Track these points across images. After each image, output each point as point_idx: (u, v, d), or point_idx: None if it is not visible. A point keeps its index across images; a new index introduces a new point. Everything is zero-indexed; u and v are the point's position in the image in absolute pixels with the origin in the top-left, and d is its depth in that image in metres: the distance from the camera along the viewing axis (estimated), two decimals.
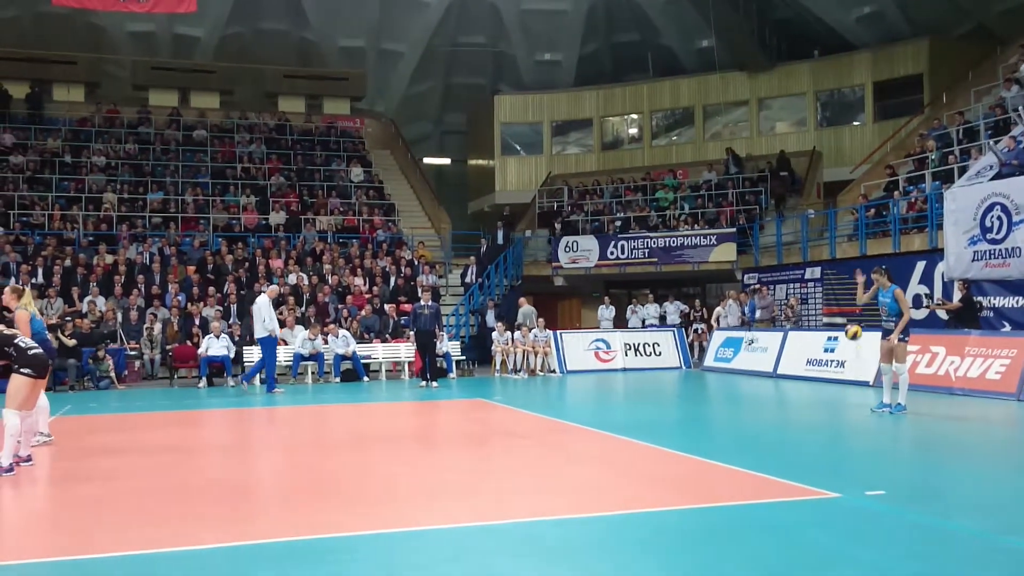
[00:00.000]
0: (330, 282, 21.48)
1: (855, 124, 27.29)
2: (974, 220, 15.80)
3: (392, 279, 22.49)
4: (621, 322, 23.11)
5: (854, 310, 17.83)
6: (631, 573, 4.86)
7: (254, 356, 17.95)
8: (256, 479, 8.17)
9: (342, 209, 25.66)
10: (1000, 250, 15.30)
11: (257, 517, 6.33)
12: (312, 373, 18.10)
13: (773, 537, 5.52)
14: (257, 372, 16.53)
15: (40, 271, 19.91)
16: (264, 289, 17.24)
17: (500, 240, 24.83)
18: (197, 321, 19.00)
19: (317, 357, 17.99)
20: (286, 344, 17.98)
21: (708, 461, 7.99)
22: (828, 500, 6.39)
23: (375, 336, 19.78)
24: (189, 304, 19.81)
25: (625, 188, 27.63)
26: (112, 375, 17.18)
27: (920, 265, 17.53)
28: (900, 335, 11.08)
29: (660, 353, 20.22)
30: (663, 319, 22.45)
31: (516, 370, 18.83)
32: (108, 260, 21.04)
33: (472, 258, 24.40)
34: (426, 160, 34.63)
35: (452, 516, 6.09)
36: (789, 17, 27.87)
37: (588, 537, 5.62)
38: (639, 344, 20.30)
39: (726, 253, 23.30)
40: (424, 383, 16.65)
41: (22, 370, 7.83)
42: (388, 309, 20.82)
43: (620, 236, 24.84)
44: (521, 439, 10.02)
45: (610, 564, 5.02)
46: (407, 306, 20.43)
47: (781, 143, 27.44)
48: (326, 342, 18.19)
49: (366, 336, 19.65)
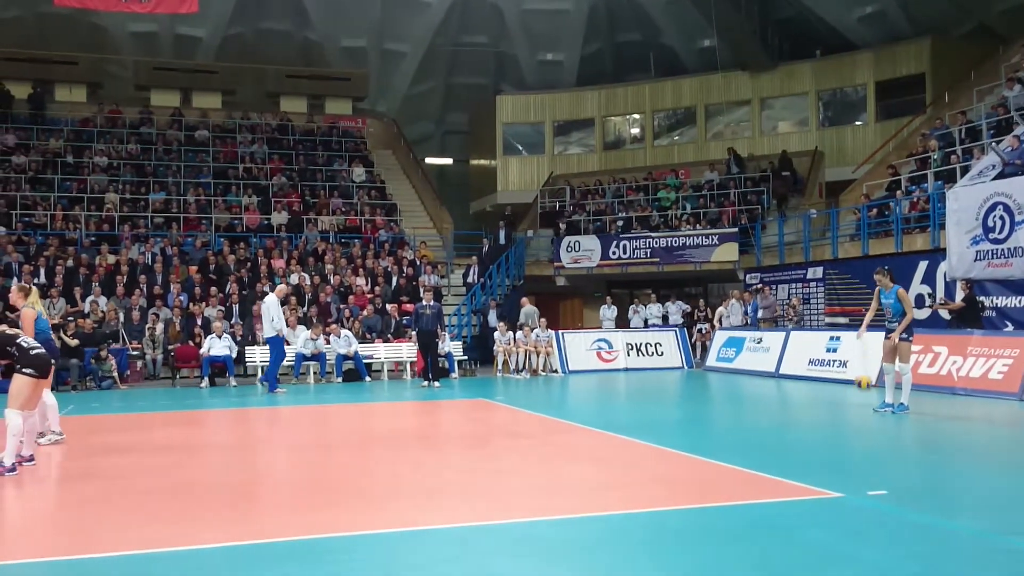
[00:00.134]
0: (332, 282, 21.47)
1: (857, 124, 27.26)
2: (976, 220, 15.77)
3: (394, 279, 22.49)
4: (623, 322, 23.10)
5: (857, 310, 17.82)
6: (631, 573, 4.85)
7: (255, 356, 17.97)
8: (257, 479, 8.16)
9: (344, 209, 25.66)
10: (1002, 250, 15.28)
11: (257, 517, 6.33)
12: (314, 373, 18.10)
13: (775, 537, 5.51)
14: (276, 370, 16.26)
15: (42, 271, 19.92)
16: (272, 288, 17.18)
17: (502, 240, 24.81)
18: (199, 321, 19.02)
19: (319, 357, 17.99)
20: (289, 344, 17.97)
21: (710, 461, 7.98)
22: (830, 500, 6.38)
23: (377, 336, 19.78)
24: (191, 304, 19.81)
25: (627, 188, 27.61)
26: (114, 375, 17.20)
27: (922, 265, 17.50)
28: (904, 334, 11.07)
29: (662, 353, 20.19)
30: (665, 319, 22.43)
31: (518, 370, 18.83)
32: (110, 260, 21.05)
33: (474, 258, 24.37)
34: (428, 160, 34.61)
35: (452, 516, 6.08)
36: (791, 17, 27.84)
37: (588, 537, 5.61)
38: (641, 344, 20.28)
39: (728, 253, 23.27)
40: (426, 383, 16.63)
41: (24, 370, 7.84)
42: (390, 309, 20.83)
43: (622, 236, 24.83)
44: (523, 439, 10.01)
45: (610, 564, 5.01)
46: (409, 306, 20.42)
47: (783, 143, 27.40)
48: (328, 342, 18.19)
49: (368, 336, 19.65)
